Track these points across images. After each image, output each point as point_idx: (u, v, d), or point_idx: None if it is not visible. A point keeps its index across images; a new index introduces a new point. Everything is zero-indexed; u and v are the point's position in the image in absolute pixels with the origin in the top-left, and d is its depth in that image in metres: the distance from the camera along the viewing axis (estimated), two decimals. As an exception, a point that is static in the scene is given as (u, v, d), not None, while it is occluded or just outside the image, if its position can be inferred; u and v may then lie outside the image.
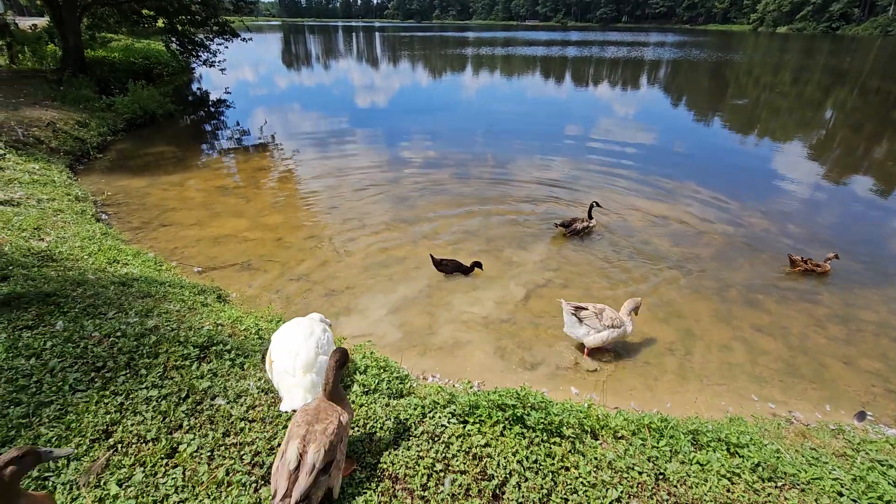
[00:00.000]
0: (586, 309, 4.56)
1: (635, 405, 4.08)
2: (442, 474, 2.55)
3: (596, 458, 2.67)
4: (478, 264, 6.09)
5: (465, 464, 2.58)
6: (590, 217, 7.38)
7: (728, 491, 2.49)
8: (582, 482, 2.52)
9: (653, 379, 4.48)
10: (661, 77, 28.07)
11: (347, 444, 2.47)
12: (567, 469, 2.61)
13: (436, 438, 2.74)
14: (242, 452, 2.58)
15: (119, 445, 2.50)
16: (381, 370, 3.49)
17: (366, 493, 2.40)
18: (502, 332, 5.08)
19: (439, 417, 2.87)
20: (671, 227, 7.61)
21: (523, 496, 2.43)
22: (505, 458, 2.62)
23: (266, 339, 3.84)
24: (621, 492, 2.48)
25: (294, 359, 2.77)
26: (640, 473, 2.57)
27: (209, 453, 2.54)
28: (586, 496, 2.46)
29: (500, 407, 2.83)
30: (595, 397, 4.17)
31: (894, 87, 23.22)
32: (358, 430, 2.78)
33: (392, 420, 2.85)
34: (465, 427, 2.82)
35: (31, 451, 1.77)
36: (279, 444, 2.66)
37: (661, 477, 2.57)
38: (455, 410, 2.92)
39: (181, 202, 8.32)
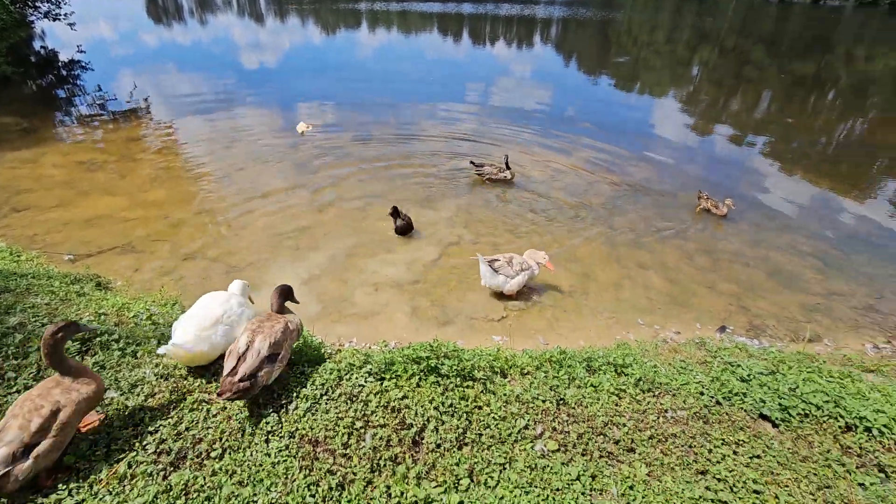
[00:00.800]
0: (498, 260, 4.84)
1: (543, 340, 4.45)
2: (363, 431, 2.61)
3: (505, 395, 2.90)
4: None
5: (384, 418, 2.67)
6: (507, 167, 7.74)
7: (616, 405, 2.86)
8: (493, 417, 2.74)
9: (555, 319, 4.89)
10: (553, 36, 29.06)
11: (291, 349, 2.85)
12: (480, 408, 2.81)
13: (354, 398, 2.78)
14: (145, 442, 2.42)
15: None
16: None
17: (286, 460, 2.40)
18: (416, 292, 5.19)
19: (356, 378, 2.91)
20: (568, 179, 8.13)
21: (441, 438, 2.59)
22: (422, 406, 2.75)
23: (161, 325, 3.55)
24: (528, 420, 2.74)
25: (195, 318, 2.90)
26: (543, 402, 2.84)
27: (105, 450, 2.35)
28: (498, 429, 2.68)
29: (415, 360, 2.93)
30: (505, 340, 4.46)
31: (746, 44, 26.31)
32: (274, 403, 2.73)
33: (309, 387, 2.83)
34: (382, 384, 2.89)
35: (73, 322, 2.28)
36: (186, 429, 2.53)
37: (561, 402, 2.87)
38: (371, 370, 2.97)
39: (36, 182, 7.15)
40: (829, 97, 15.56)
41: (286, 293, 3.04)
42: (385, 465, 2.45)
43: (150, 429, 2.50)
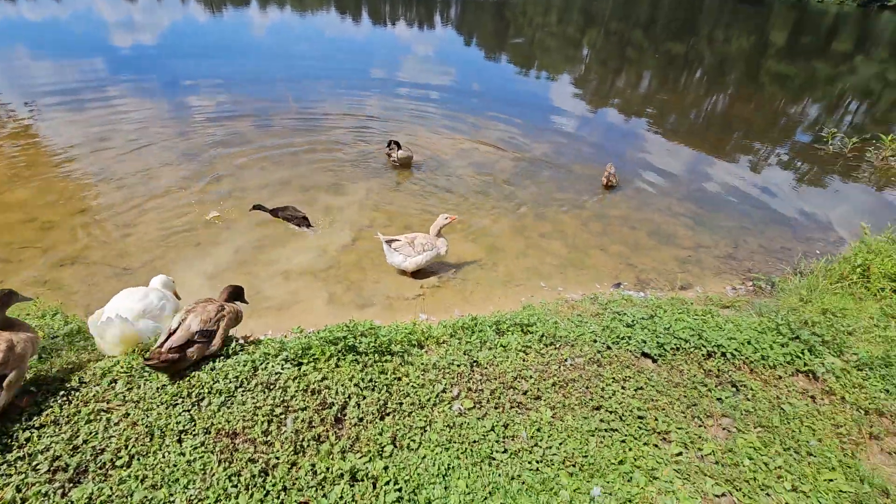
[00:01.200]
0: (399, 240, 4.94)
1: (459, 312, 4.67)
2: (283, 416, 2.61)
3: (423, 364, 3.05)
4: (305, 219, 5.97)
5: (304, 401, 2.69)
6: (398, 146, 7.56)
7: (523, 360, 3.14)
8: (412, 386, 2.87)
9: (468, 292, 5.14)
10: (453, 17, 29.31)
11: (227, 330, 2.99)
12: (399, 379, 2.93)
13: (272, 386, 2.76)
14: (36, 462, 2.22)
15: None
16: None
17: (203, 456, 2.34)
18: (331, 279, 5.14)
19: (272, 366, 2.87)
20: (475, 157, 8.42)
21: (363, 412, 2.67)
22: (342, 385, 2.80)
23: (43, 337, 3.20)
24: (445, 384, 2.91)
25: (118, 311, 2.91)
26: (458, 366, 3.03)
27: (-14, 476, 2.12)
28: (417, 396, 2.82)
29: (332, 342, 2.97)
30: (422, 317, 4.62)
31: (627, 27, 28.58)
32: (184, 403, 2.62)
33: (222, 381, 2.75)
34: (300, 369, 2.89)
35: (11, 291, 2.57)
36: (85, 441, 2.36)
37: (475, 364, 3.08)
38: (288, 356, 2.95)
39: None
40: (697, 75, 17.54)
41: (236, 293, 3.30)
42: (309, 445, 2.49)
43: (40, 447, 2.29)
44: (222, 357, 2.97)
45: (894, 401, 2.99)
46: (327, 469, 2.35)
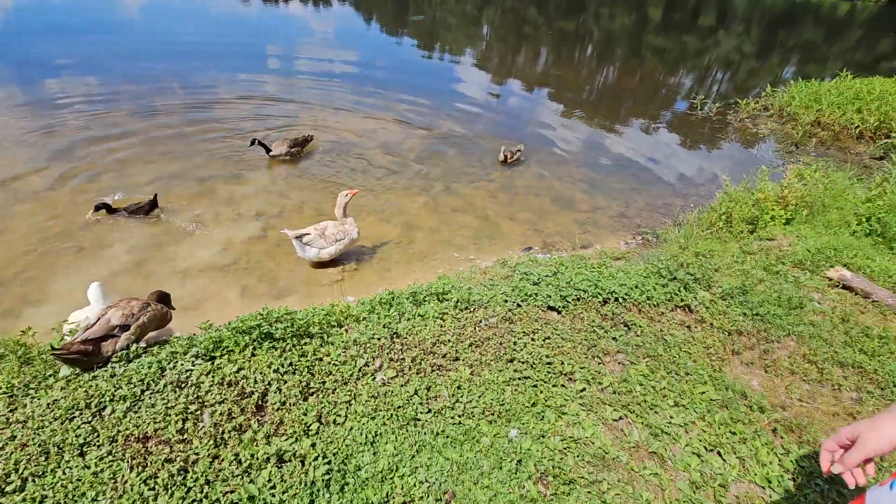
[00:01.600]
0: (308, 233, 4.80)
1: (382, 291, 4.71)
2: (199, 413, 2.53)
3: (344, 342, 3.08)
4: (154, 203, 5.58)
5: (221, 394, 2.61)
6: (264, 148, 6.97)
7: (441, 326, 3.29)
8: (334, 364, 2.90)
9: (386, 271, 5.19)
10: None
11: (149, 326, 3.04)
12: (320, 359, 2.94)
13: (183, 384, 2.64)
14: None
15: None
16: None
17: (112, 465, 2.21)
18: (241, 272, 4.92)
19: (182, 365, 2.75)
20: (382, 136, 8.35)
21: (285, 395, 2.66)
22: (261, 373, 2.76)
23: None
24: (367, 358, 2.98)
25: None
26: (379, 339, 3.11)
27: None
28: (340, 373, 2.86)
29: (245, 331, 2.89)
30: (350, 299, 4.60)
31: (521, 6, 29.47)
32: (82, 415, 2.43)
33: (125, 387, 2.57)
34: (213, 363, 2.79)
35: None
36: (-37, 472, 2.12)
37: (395, 336, 3.17)
38: (199, 352, 2.83)
39: None
40: (588, 51, 18.67)
41: (162, 298, 3.34)
42: (230, 437, 2.44)
43: None
44: (123, 362, 2.78)
45: (749, 321, 3.56)
46: (252, 456, 2.33)
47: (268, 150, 6.99)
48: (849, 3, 41.70)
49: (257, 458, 2.33)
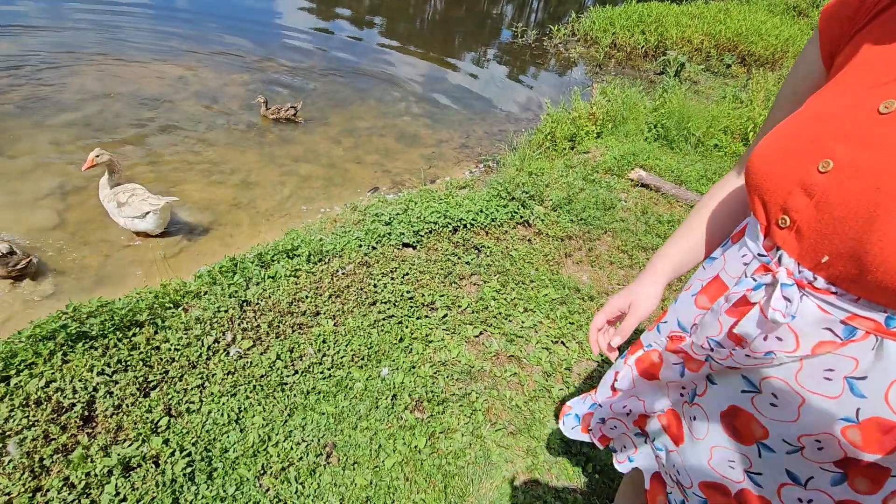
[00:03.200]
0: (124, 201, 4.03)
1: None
2: (2, 445, 2.06)
3: (183, 322, 2.73)
4: None
5: (28, 419, 2.15)
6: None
7: (296, 284, 3.11)
8: (174, 348, 2.58)
9: (229, 237, 4.68)
10: None
11: None
12: (157, 348, 2.58)
13: (-33, 419, 2.11)
14: None
15: None
16: None
17: None
18: (46, 264, 3.98)
19: (-40, 396, 2.17)
20: (196, 86, 7.19)
21: (118, 398, 2.30)
22: (80, 380, 2.33)
23: None
24: (216, 334, 2.70)
25: None
26: (225, 311, 2.83)
27: None
28: (184, 356, 2.56)
29: (44, 339, 2.37)
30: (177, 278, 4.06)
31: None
32: None
33: None
34: (8, 384, 2.26)
35: None
36: None
37: (245, 304, 2.92)
38: (-17, 376, 2.26)
39: None
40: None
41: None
42: (53, 461, 2.05)
43: None
44: None
45: (576, 226, 4.07)
46: (88, 474, 2.01)
47: None
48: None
49: (96, 475, 2.01)
